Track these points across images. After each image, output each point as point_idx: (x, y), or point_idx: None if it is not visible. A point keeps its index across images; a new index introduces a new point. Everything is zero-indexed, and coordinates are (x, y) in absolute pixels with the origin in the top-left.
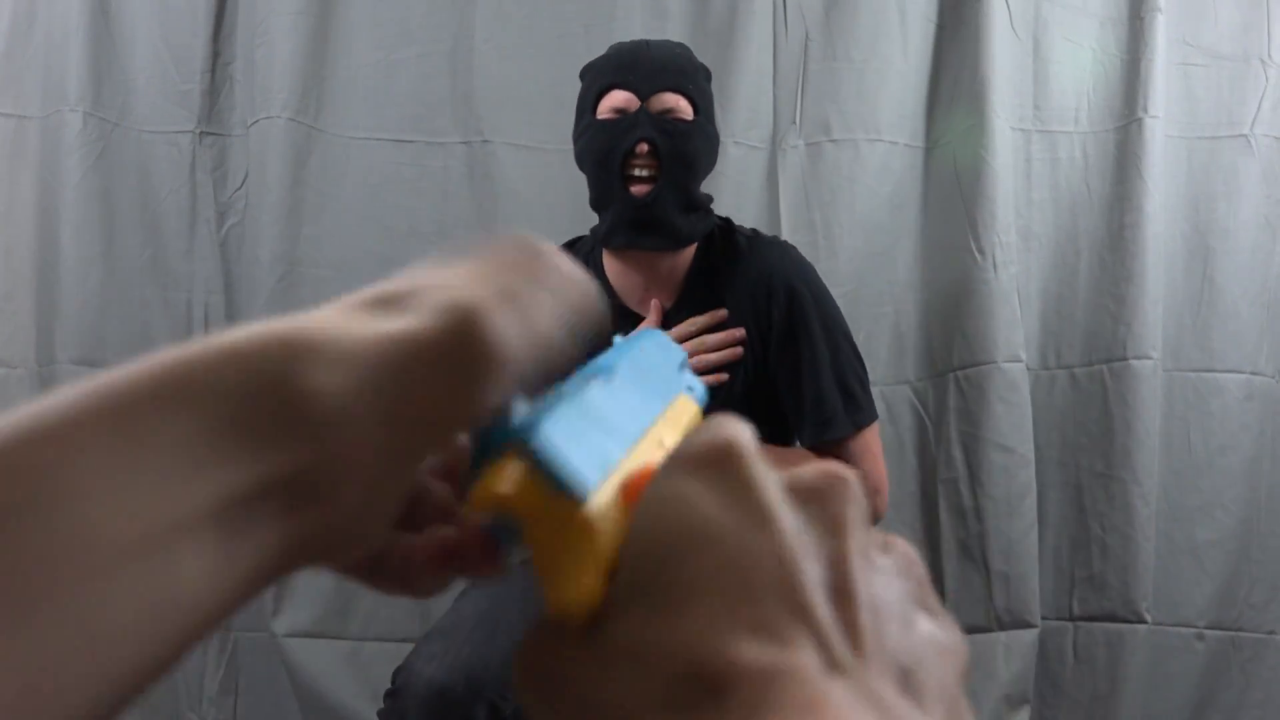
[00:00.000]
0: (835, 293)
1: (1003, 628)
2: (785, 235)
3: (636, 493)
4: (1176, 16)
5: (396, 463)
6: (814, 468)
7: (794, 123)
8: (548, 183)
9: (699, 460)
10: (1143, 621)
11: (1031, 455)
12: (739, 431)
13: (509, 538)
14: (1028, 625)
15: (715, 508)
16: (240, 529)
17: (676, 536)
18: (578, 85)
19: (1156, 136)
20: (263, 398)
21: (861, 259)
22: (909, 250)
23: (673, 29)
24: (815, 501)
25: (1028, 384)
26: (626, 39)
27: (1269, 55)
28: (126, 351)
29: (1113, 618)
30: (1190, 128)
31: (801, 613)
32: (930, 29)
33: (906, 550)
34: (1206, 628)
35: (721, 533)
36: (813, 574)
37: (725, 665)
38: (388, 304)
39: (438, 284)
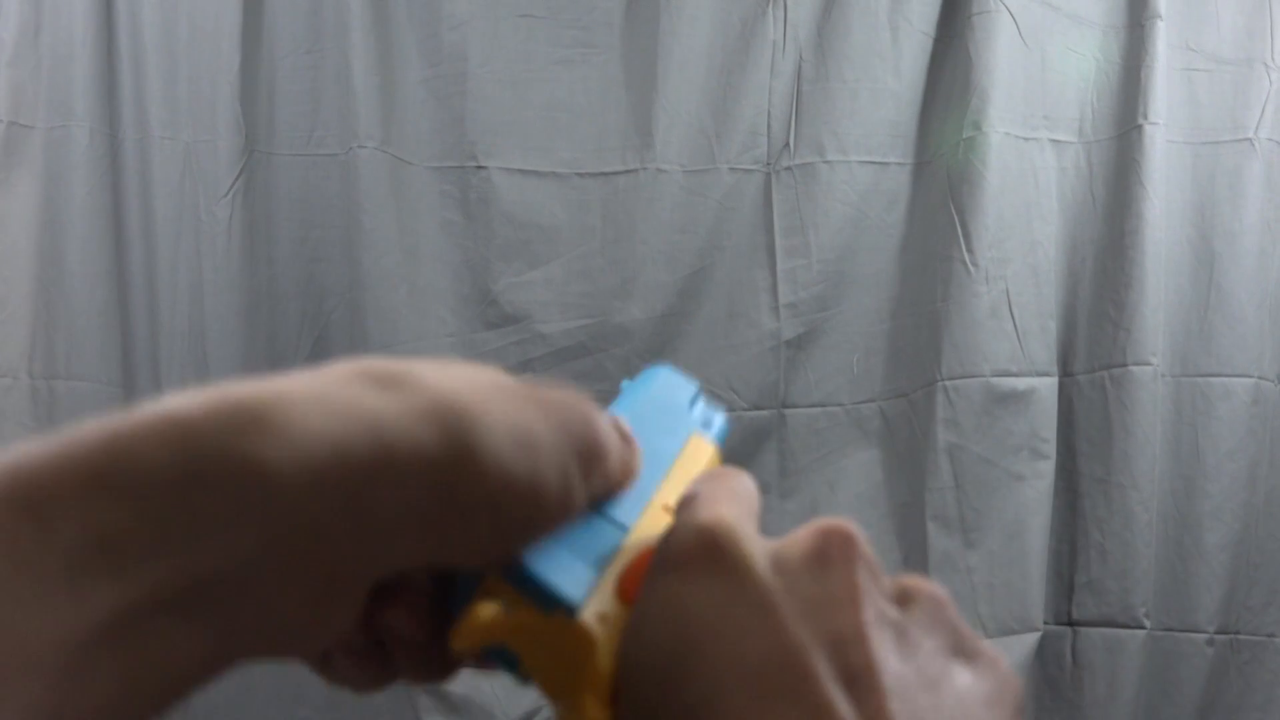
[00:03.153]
0: (824, 317)
1: (989, 635)
2: (779, 259)
3: (635, 584)
4: (1179, 22)
5: (347, 567)
6: (812, 529)
7: (787, 145)
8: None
9: (685, 557)
10: (1141, 627)
11: (1023, 467)
12: (724, 510)
13: (508, 663)
14: (1013, 632)
15: (710, 610)
16: (152, 635)
17: (673, 651)
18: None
19: (1157, 143)
20: (202, 477)
21: (855, 280)
22: (905, 266)
23: (679, 52)
24: (820, 567)
25: (1027, 397)
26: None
27: (1272, 59)
28: (125, 367)
29: (1111, 623)
30: (1194, 133)
31: (820, 713)
32: (926, 42)
33: (932, 593)
34: (1216, 633)
35: (720, 637)
36: (824, 667)
37: None
38: (381, 381)
39: (446, 378)
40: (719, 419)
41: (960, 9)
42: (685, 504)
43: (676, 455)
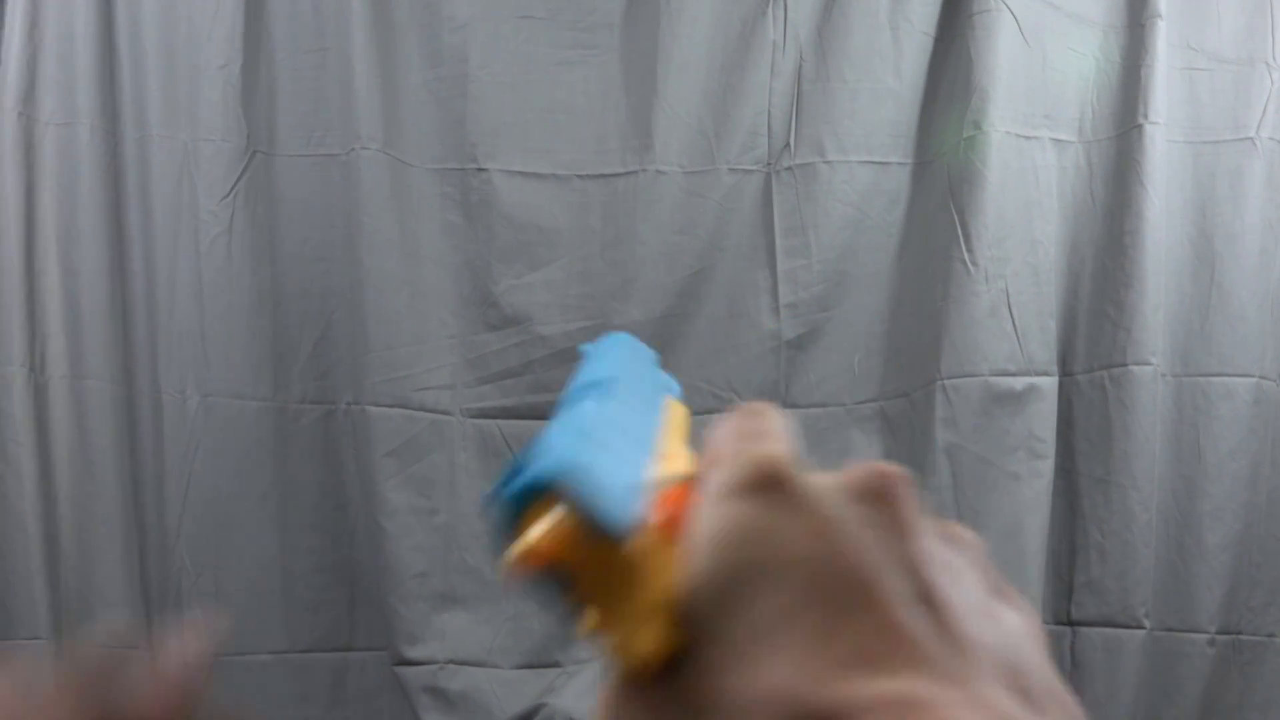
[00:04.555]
0: (825, 317)
1: None
2: (779, 259)
3: (676, 514)
4: (1180, 21)
5: None
6: (862, 468)
7: (787, 145)
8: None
9: (743, 486)
10: (1141, 627)
11: (1021, 467)
12: (776, 445)
13: (554, 593)
14: None
15: (774, 534)
16: None
17: (744, 569)
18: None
19: (1157, 143)
20: None
21: (855, 280)
22: (905, 266)
23: (679, 52)
24: (872, 503)
25: (1026, 396)
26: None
27: (1273, 58)
28: (125, 366)
29: (1111, 623)
30: (1195, 132)
31: (897, 631)
32: (927, 42)
33: (970, 537)
34: (1218, 633)
35: (792, 559)
36: (897, 586)
37: (838, 704)
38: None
39: None
40: (675, 384)
41: (961, 8)
42: (728, 439)
43: (661, 409)
